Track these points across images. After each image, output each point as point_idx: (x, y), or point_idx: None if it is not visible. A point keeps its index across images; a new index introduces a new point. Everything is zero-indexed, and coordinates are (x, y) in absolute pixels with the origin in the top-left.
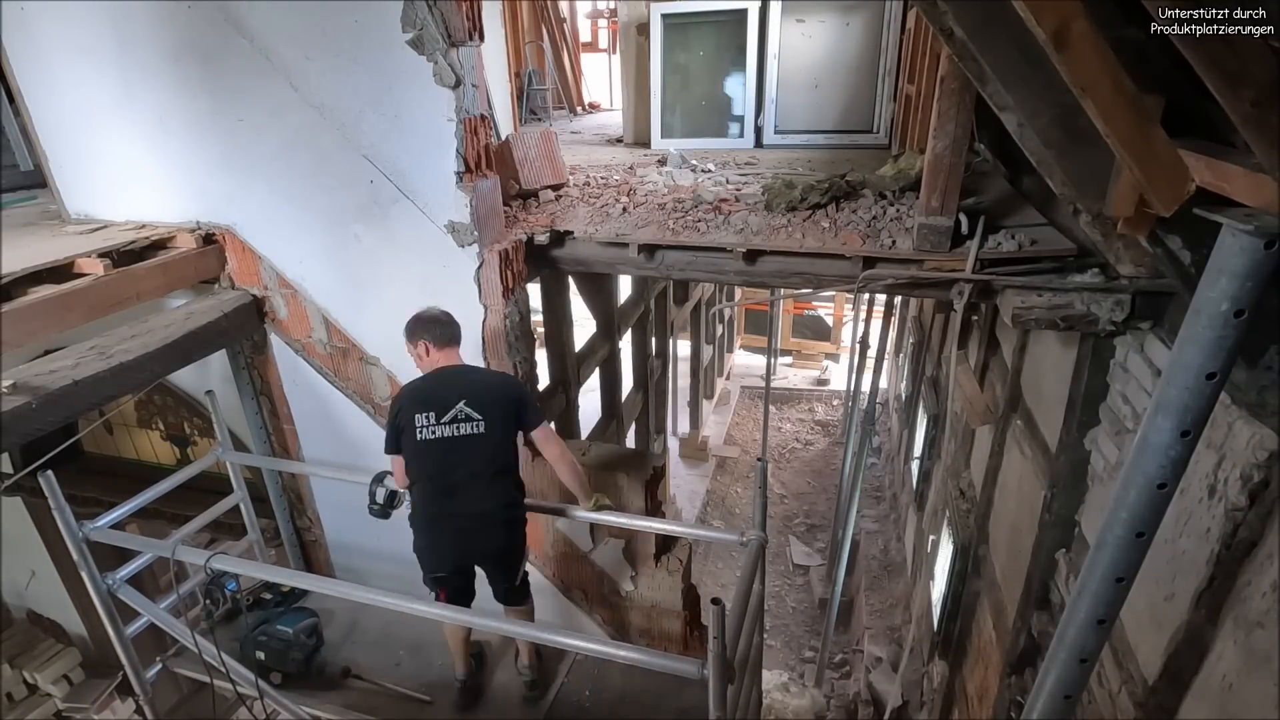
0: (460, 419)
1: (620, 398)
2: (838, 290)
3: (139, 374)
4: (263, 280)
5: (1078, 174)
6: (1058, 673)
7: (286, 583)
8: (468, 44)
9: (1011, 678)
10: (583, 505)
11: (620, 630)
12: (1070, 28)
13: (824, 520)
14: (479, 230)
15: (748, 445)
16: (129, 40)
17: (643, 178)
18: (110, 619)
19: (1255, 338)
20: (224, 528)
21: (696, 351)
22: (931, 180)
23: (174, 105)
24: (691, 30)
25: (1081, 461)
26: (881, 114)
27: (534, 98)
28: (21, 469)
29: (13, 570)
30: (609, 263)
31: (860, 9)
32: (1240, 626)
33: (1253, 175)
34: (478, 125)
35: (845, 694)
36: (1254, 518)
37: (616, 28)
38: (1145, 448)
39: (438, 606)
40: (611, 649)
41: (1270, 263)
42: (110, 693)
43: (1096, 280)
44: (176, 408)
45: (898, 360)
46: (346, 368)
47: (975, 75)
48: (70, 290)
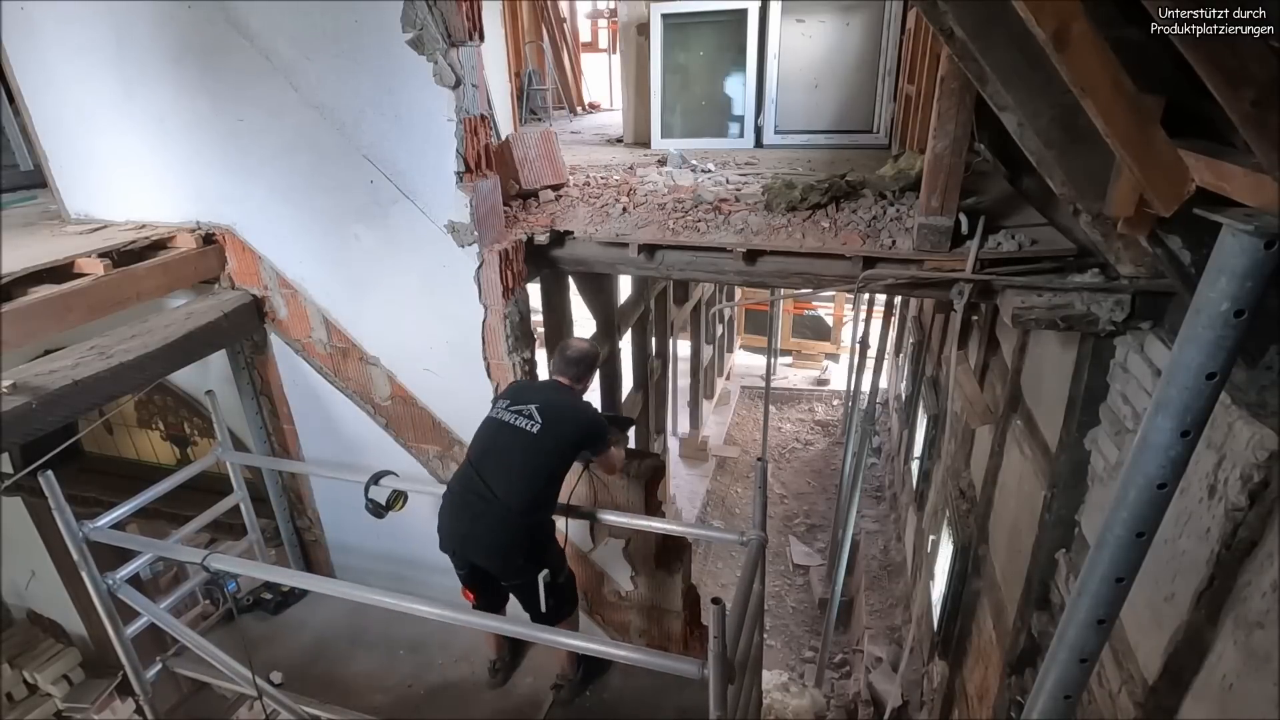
0: (524, 415)
1: (620, 398)
2: (838, 290)
3: (139, 374)
4: (263, 280)
5: (1078, 174)
6: (1058, 673)
7: (286, 583)
8: (468, 44)
9: (1011, 678)
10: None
11: (620, 630)
12: (1070, 28)
13: (824, 520)
14: (479, 230)
15: (748, 445)
16: (129, 40)
17: (643, 178)
18: (110, 619)
19: (1255, 338)
20: (224, 528)
21: (696, 351)
22: (931, 180)
23: (174, 105)
24: (691, 30)
25: (1081, 461)
26: (881, 114)
27: (534, 98)
28: (21, 469)
29: (13, 570)
30: (609, 263)
31: (860, 9)
32: (1240, 626)
33: (1253, 175)
34: (478, 125)
35: (845, 694)
36: (1254, 518)
37: (616, 28)
38: (1145, 448)
39: (438, 607)
40: (611, 649)
41: (1270, 263)
42: (110, 693)
43: (1096, 280)
44: (176, 408)
45: (898, 360)
46: (346, 368)
47: (975, 75)
48: (70, 290)
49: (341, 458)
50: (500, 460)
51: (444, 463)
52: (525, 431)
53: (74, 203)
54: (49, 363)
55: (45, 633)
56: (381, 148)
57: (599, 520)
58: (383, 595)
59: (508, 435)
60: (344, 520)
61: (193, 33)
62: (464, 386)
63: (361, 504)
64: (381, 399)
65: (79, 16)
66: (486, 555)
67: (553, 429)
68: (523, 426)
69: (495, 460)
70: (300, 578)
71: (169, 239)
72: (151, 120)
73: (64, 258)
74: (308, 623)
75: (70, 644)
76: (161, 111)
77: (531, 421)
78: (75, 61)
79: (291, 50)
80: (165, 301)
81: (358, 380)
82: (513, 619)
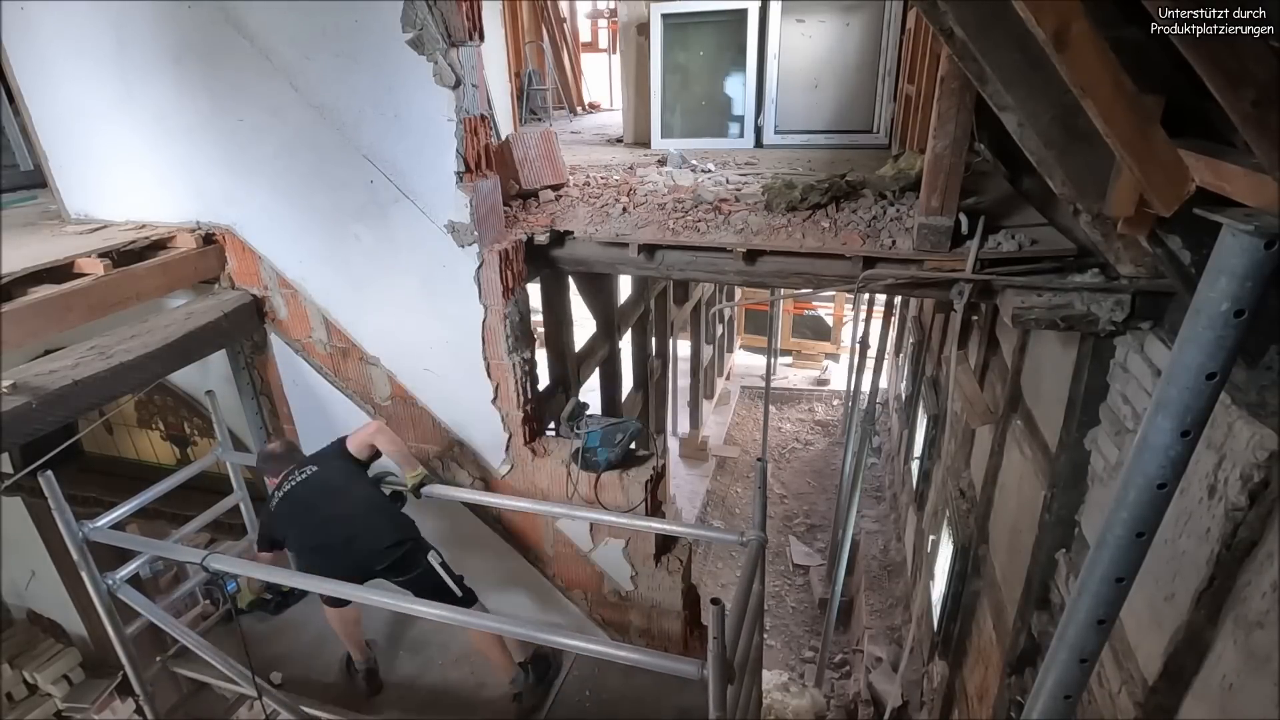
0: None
1: (620, 398)
2: (838, 290)
3: (139, 374)
4: (263, 280)
5: (1078, 174)
6: (1058, 673)
7: (286, 583)
8: (468, 44)
9: (1011, 678)
10: (405, 477)
11: (620, 630)
12: (1070, 28)
13: (824, 520)
14: (479, 230)
15: (748, 445)
16: (129, 40)
17: (643, 178)
18: (110, 619)
19: (1255, 338)
20: (224, 528)
21: (696, 351)
22: (931, 180)
23: (174, 105)
24: (691, 30)
25: (1081, 461)
26: (881, 114)
27: (534, 98)
28: (21, 469)
29: (13, 570)
30: (609, 263)
31: (860, 9)
32: (1240, 626)
33: (1253, 175)
34: (478, 125)
35: (845, 694)
36: (1254, 518)
37: (616, 28)
38: (1145, 448)
39: (438, 607)
40: (611, 649)
41: (1270, 263)
42: (110, 693)
43: (1096, 280)
44: (176, 408)
45: (898, 360)
46: (346, 368)
47: (975, 75)
48: (70, 290)
49: None
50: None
51: (444, 463)
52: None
53: (74, 203)
54: (49, 363)
55: (45, 633)
56: (381, 147)
57: (599, 520)
58: (383, 595)
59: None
60: None
61: (193, 33)
62: (464, 386)
63: None
64: (381, 399)
65: (79, 17)
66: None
67: (325, 472)
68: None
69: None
70: (300, 578)
71: (169, 239)
72: (151, 120)
73: (64, 258)
74: (308, 623)
75: (70, 644)
76: (161, 111)
77: (311, 478)
78: (75, 61)
79: (291, 50)
80: (165, 301)
81: (358, 380)
82: (512, 619)
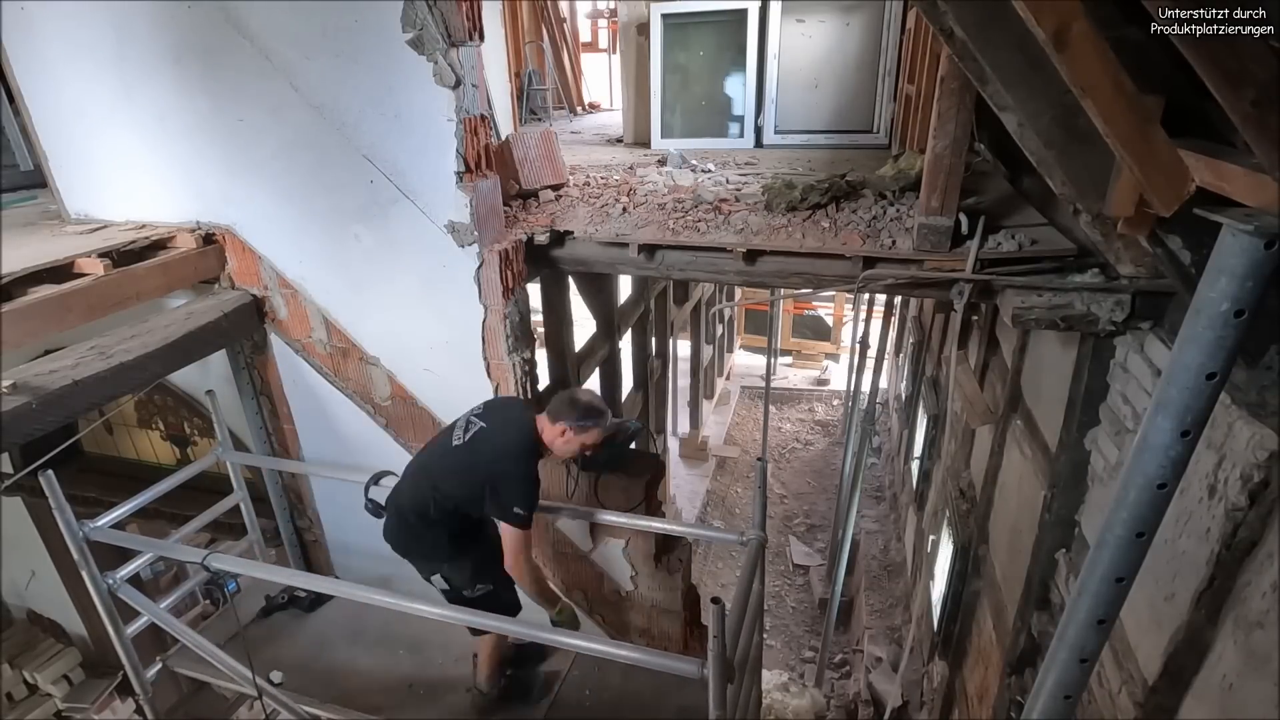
0: (463, 427)
1: (620, 398)
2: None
3: (139, 374)
4: (263, 280)
5: (1078, 174)
6: (1058, 673)
7: (286, 583)
8: (468, 44)
9: (1011, 678)
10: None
11: (620, 630)
12: (1070, 28)
13: (824, 520)
14: (479, 230)
15: (748, 445)
16: (129, 40)
17: (643, 178)
18: (110, 619)
19: (1255, 338)
20: (224, 528)
21: (696, 351)
22: (931, 180)
23: (174, 105)
24: (691, 30)
25: (1081, 461)
26: (881, 114)
27: (534, 98)
28: (21, 469)
29: (13, 570)
30: (609, 263)
31: (860, 9)
32: (1240, 626)
33: (1253, 175)
34: (478, 125)
35: (845, 694)
36: (1254, 518)
37: (616, 28)
38: (1145, 448)
39: (438, 607)
40: (611, 649)
41: (1270, 263)
42: (110, 693)
43: (1096, 280)
44: (176, 408)
45: (898, 360)
46: (346, 368)
47: (975, 75)
48: (70, 290)
49: (341, 458)
50: (429, 458)
51: None
52: (452, 442)
53: (74, 203)
54: (49, 363)
55: (45, 633)
56: (381, 148)
57: (599, 520)
58: (383, 595)
59: (444, 436)
60: (344, 520)
61: (193, 33)
62: (464, 386)
63: (361, 504)
64: (381, 399)
65: (79, 16)
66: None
67: (471, 450)
68: (456, 438)
69: (427, 456)
70: (300, 577)
71: (169, 239)
72: (151, 120)
73: (64, 258)
74: (308, 622)
75: (70, 644)
76: (161, 111)
77: (464, 434)
78: (75, 61)
79: (291, 50)
80: (165, 301)
81: (358, 380)
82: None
